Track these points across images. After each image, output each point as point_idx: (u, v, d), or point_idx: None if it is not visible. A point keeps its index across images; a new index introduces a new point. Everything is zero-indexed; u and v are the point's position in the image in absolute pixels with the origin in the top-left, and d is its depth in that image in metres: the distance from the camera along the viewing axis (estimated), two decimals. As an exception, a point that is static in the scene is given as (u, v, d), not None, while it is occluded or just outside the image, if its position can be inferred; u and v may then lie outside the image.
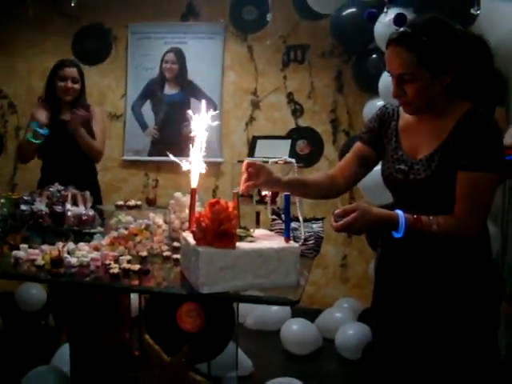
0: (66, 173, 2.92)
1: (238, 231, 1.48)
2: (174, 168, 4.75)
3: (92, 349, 2.18)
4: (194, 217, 1.61)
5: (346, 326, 3.35)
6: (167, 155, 4.38)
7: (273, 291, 1.46)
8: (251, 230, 1.55)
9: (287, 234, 1.50)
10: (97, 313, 2.11)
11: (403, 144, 1.65)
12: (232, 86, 4.22)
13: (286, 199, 1.50)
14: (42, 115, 2.95)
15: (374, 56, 3.17)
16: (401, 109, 1.66)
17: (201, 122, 1.68)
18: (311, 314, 3.60)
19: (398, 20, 1.83)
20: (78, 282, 1.64)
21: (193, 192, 1.64)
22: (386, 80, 2.83)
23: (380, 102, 3.20)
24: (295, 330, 3.33)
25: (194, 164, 1.67)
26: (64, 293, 2.09)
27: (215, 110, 4.21)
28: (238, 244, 1.44)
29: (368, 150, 1.74)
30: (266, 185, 1.64)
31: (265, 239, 1.54)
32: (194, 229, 1.45)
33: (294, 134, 3.98)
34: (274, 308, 3.65)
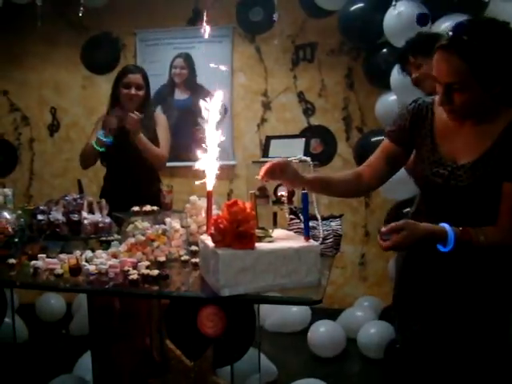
0: (130, 181, 2.93)
1: (257, 232, 1.46)
2: (188, 173, 4.76)
3: (113, 356, 2.18)
4: (212, 219, 1.60)
5: (367, 325, 3.31)
6: (180, 160, 4.40)
7: (294, 291, 1.44)
8: (270, 231, 1.53)
9: (306, 232, 1.48)
10: (117, 320, 2.11)
11: (441, 146, 1.57)
12: (242, 88, 4.21)
13: (304, 198, 1.47)
14: (110, 124, 2.86)
15: (384, 51, 3.13)
16: (436, 107, 1.58)
17: (212, 123, 1.66)
18: (332, 314, 3.56)
19: (422, 20, 1.73)
20: (97, 290, 1.63)
21: (209, 195, 1.63)
22: (397, 74, 2.80)
23: (392, 97, 3.17)
24: (323, 332, 3.29)
25: (209, 167, 1.66)
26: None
27: (226, 112, 4.20)
28: (257, 245, 1.42)
29: (396, 148, 1.66)
30: (288, 181, 1.61)
31: (284, 239, 1.52)
32: (212, 231, 1.44)
33: (307, 133, 3.95)
34: (294, 309, 3.62)
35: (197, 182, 1.68)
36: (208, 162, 1.64)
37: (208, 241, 1.52)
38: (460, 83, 1.41)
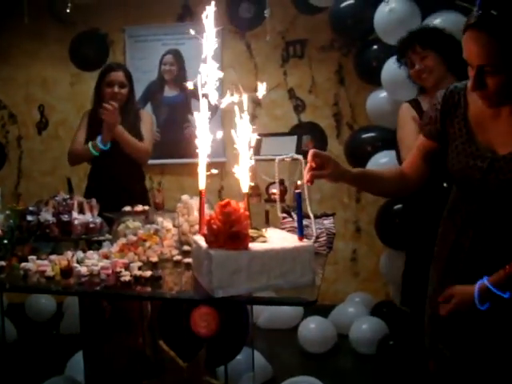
0: (114, 178, 2.91)
1: (250, 232, 1.45)
2: (178, 170, 4.72)
3: (106, 356, 2.16)
4: (205, 219, 1.59)
5: (359, 320, 3.32)
6: (170, 157, 4.37)
7: (288, 292, 1.43)
8: (263, 230, 1.52)
9: (300, 232, 1.46)
10: (109, 319, 2.09)
11: (477, 136, 1.43)
12: (232, 85, 4.17)
13: (297, 197, 1.46)
14: (108, 135, 2.81)
15: (375, 47, 3.13)
16: (470, 94, 1.45)
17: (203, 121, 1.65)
18: (323, 310, 3.56)
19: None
20: (89, 293, 1.61)
21: (201, 194, 1.62)
22: (388, 71, 2.80)
23: (383, 94, 3.17)
24: (313, 328, 3.29)
25: (201, 165, 1.64)
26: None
27: (216, 109, 4.17)
28: (250, 245, 1.41)
29: (431, 143, 1.54)
30: (332, 177, 1.50)
31: (277, 239, 1.51)
32: (204, 232, 1.42)
33: (297, 130, 3.94)
34: (287, 306, 3.62)
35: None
36: (200, 160, 1.63)
37: (201, 241, 1.50)
38: (493, 65, 1.29)
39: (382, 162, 2.95)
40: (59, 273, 1.64)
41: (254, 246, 1.42)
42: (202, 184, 1.61)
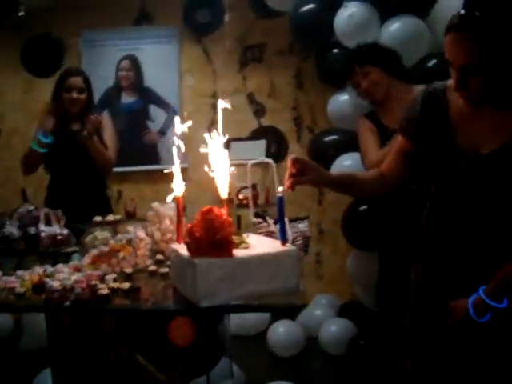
0: (75, 188, 2.83)
1: (233, 238, 1.42)
2: (138, 178, 4.60)
3: (75, 373, 2.08)
4: (182, 228, 1.55)
5: (328, 322, 3.34)
6: (129, 165, 4.27)
7: (274, 298, 1.41)
8: (244, 236, 1.50)
9: (283, 237, 1.45)
10: (71, 335, 2.00)
11: (458, 136, 1.44)
12: (190, 90, 4.14)
13: (279, 201, 1.45)
14: (48, 124, 2.75)
15: (336, 51, 3.16)
16: (450, 93, 1.46)
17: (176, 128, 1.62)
18: (290, 314, 3.56)
19: None
20: (67, 308, 1.52)
21: (178, 201, 1.58)
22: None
23: (345, 97, 3.21)
24: (282, 332, 3.29)
25: (177, 171, 1.61)
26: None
27: (175, 115, 4.16)
28: (234, 252, 1.39)
29: (410, 144, 1.55)
30: (313, 182, 1.50)
31: (260, 244, 1.49)
32: (186, 240, 1.39)
33: (258, 135, 3.94)
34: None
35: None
36: (176, 166, 1.59)
37: (182, 250, 1.46)
38: (476, 65, 1.29)
39: (345, 164, 2.98)
40: (30, 289, 1.57)
41: (237, 252, 1.40)
42: (178, 191, 1.57)
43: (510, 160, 1.36)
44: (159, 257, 1.91)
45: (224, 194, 1.51)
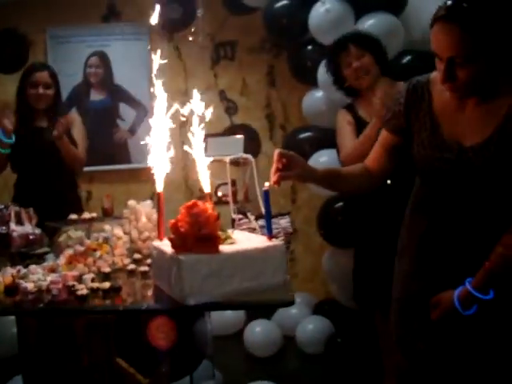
0: (44, 187, 2.73)
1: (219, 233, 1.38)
2: (108, 177, 4.49)
3: (49, 379, 1.99)
4: (163, 224, 1.50)
5: (304, 321, 3.32)
6: (99, 164, 4.16)
7: (260, 294, 1.37)
8: (229, 231, 1.46)
9: (269, 231, 1.42)
10: (40, 340, 1.92)
11: (443, 128, 1.43)
12: (161, 88, 4.05)
13: (265, 196, 1.41)
14: (8, 123, 2.63)
15: (310, 47, 3.15)
16: (433, 86, 1.46)
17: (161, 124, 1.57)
18: (265, 313, 3.53)
19: None
20: (49, 310, 1.45)
21: (160, 197, 1.52)
22: (324, 71, 2.83)
23: (319, 94, 3.20)
24: (259, 332, 3.25)
25: (157, 167, 1.55)
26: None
27: (146, 113, 4.06)
28: (220, 248, 1.34)
29: (394, 138, 1.54)
30: (299, 177, 1.47)
31: (245, 240, 1.45)
32: (170, 236, 1.34)
33: (230, 132, 3.89)
34: (229, 311, 3.55)
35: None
36: (156, 163, 1.54)
37: (164, 247, 1.41)
38: (463, 56, 1.28)
39: (321, 160, 2.96)
40: (3, 290, 1.49)
41: (223, 248, 1.35)
42: (159, 186, 1.52)
43: (494, 152, 1.35)
44: (137, 256, 1.85)
45: (206, 188, 1.47)
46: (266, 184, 1.42)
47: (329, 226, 3.01)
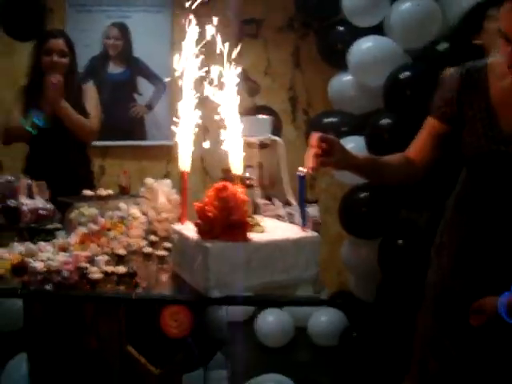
0: (56, 160, 2.62)
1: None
2: (121, 153, 4.37)
3: (54, 361, 1.90)
4: (186, 206, 1.39)
5: (318, 312, 3.22)
6: (114, 139, 4.04)
7: (290, 289, 1.26)
8: (258, 218, 1.33)
9: (304, 221, 1.29)
10: (56, 316, 1.83)
11: (501, 119, 1.34)
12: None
13: (300, 181, 1.28)
14: (48, 109, 2.54)
15: (341, 28, 2.99)
16: (491, 72, 1.35)
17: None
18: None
19: None
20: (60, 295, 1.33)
21: (184, 176, 1.40)
22: (356, 53, 2.69)
23: (347, 77, 3.05)
24: (271, 321, 3.16)
25: (183, 144, 1.44)
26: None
27: (164, 88, 3.90)
28: (249, 236, 1.22)
29: (444, 126, 1.44)
30: (339, 164, 1.35)
31: (276, 228, 1.33)
32: (197, 221, 1.21)
33: (252, 114, 3.76)
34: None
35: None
36: (182, 140, 1.42)
37: (186, 231, 1.29)
38: None
39: (348, 147, 2.82)
40: (9, 270, 1.38)
41: (253, 236, 1.23)
42: (185, 165, 1.39)
43: None
44: (153, 238, 1.73)
45: (238, 170, 1.34)
46: (302, 169, 1.28)
47: (351, 216, 2.88)
